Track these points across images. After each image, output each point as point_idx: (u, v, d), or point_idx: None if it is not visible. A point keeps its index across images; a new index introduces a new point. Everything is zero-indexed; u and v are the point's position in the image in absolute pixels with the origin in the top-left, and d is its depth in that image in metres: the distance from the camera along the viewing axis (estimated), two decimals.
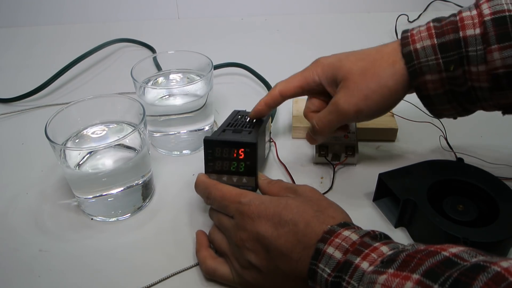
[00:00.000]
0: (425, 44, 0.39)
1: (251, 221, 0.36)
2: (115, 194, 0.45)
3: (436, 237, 0.41)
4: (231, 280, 0.38)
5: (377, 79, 0.41)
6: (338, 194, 0.49)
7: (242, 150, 0.42)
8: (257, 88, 0.71)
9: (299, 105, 0.61)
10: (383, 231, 0.44)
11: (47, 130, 0.42)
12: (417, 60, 0.40)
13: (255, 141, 0.42)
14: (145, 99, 0.53)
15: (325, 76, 0.44)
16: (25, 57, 0.84)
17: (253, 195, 0.38)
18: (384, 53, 0.42)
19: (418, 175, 0.45)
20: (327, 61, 0.45)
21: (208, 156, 0.43)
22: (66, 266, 0.42)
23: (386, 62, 0.41)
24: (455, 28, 0.38)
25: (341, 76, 0.43)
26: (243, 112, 0.52)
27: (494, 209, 0.42)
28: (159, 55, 0.60)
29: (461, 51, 0.38)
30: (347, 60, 0.43)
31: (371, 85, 0.41)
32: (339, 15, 1.00)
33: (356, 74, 0.42)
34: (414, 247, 0.28)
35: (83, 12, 0.97)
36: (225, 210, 0.39)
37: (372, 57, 0.42)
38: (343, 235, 0.31)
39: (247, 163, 0.42)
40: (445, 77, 0.39)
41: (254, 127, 0.47)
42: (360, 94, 0.41)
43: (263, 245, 0.35)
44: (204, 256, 0.40)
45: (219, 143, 0.43)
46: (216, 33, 0.93)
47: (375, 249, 0.29)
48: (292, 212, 0.35)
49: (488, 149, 0.52)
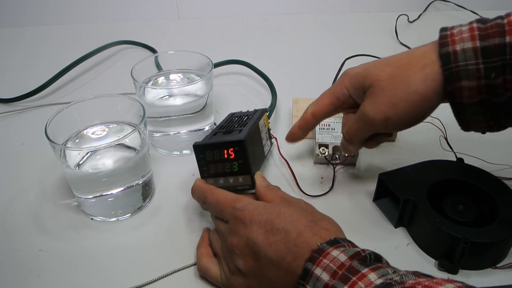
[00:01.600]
0: (466, 46, 0.36)
1: (243, 226, 0.35)
2: (115, 194, 0.45)
3: (436, 237, 0.41)
4: (219, 283, 0.38)
5: (405, 85, 0.38)
6: (338, 194, 0.49)
7: (232, 149, 0.41)
8: (257, 88, 0.71)
9: (299, 105, 0.61)
10: (383, 231, 0.44)
11: (47, 130, 0.42)
12: (455, 63, 0.36)
13: (243, 138, 0.41)
14: (145, 99, 0.53)
15: (353, 87, 0.42)
16: (25, 57, 0.84)
17: (248, 200, 0.38)
18: (414, 56, 0.39)
19: (418, 175, 0.45)
20: (354, 72, 0.42)
21: (201, 161, 0.43)
22: (66, 266, 0.42)
23: (416, 66, 0.38)
24: (501, 32, 0.35)
25: (368, 84, 0.40)
26: (239, 113, 0.51)
27: (494, 209, 0.42)
28: (159, 55, 0.60)
29: (506, 58, 0.34)
30: (374, 67, 0.40)
31: (399, 92, 0.38)
32: (339, 15, 1.00)
33: (383, 80, 0.39)
34: (403, 279, 0.27)
35: (83, 13, 0.97)
36: (220, 215, 0.39)
37: (401, 61, 0.39)
38: (332, 255, 0.31)
39: (240, 162, 0.42)
40: (484, 85, 0.36)
41: (245, 125, 0.46)
42: (387, 102, 0.39)
43: (253, 251, 0.34)
44: (201, 253, 0.40)
45: (208, 146, 0.42)
46: (216, 33, 0.93)
47: (362, 276, 0.28)
48: (285, 221, 0.34)
49: (488, 149, 0.52)
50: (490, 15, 0.39)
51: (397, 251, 0.42)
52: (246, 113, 0.52)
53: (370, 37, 0.89)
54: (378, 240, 0.44)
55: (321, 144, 0.52)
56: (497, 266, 0.40)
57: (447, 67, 0.36)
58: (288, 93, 0.66)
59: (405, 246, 0.43)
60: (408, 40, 0.85)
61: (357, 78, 0.41)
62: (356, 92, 0.42)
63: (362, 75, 0.41)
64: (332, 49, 0.84)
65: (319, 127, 0.54)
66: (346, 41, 0.88)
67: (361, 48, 0.72)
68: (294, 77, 0.74)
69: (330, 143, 0.52)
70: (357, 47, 0.77)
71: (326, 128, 0.54)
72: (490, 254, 0.40)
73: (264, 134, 0.50)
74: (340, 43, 0.87)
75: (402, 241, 0.43)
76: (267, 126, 0.52)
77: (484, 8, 0.92)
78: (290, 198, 0.39)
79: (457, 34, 0.37)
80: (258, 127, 0.48)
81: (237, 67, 0.74)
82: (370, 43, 0.87)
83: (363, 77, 0.40)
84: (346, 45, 0.85)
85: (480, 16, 0.91)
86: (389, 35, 0.89)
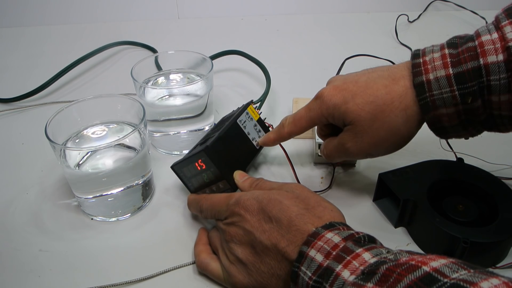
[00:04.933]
0: (439, 74, 0.36)
1: (239, 217, 0.37)
2: (115, 194, 0.45)
3: (436, 237, 0.41)
4: (220, 277, 0.38)
5: (387, 127, 0.38)
6: (338, 194, 0.49)
7: (200, 160, 0.43)
8: (258, 87, 0.71)
9: (299, 105, 0.61)
10: (383, 231, 0.44)
11: (47, 130, 0.42)
12: (429, 92, 0.36)
13: (203, 148, 0.42)
14: (145, 99, 0.53)
15: (332, 117, 0.41)
16: (25, 57, 0.84)
17: (240, 194, 0.38)
18: (394, 95, 0.38)
19: (418, 175, 0.45)
20: (332, 102, 0.40)
21: (183, 179, 0.45)
22: (66, 266, 0.42)
23: (397, 109, 0.38)
24: (473, 56, 0.35)
25: (348, 121, 0.40)
26: (227, 116, 0.51)
27: (494, 209, 0.42)
28: (159, 55, 0.60)
29: (482, 81, 0.34)
30: (353, 103, 0.39)
31: (382, 134, 0.39)
32: (339, 15, 1.00)
33: (363, 121, 0.39)
34: (397, 257, 0.27)
35: (83, 13, 0.97)
36: (218, 216, 0.40)
37: (381, 100, 0.38)
38: (326, 237, 0.31)
39: (211, 170, 0.43)
40: (462, 110, 0.36)
41: (221, 129, 0.46)
42: (370, 141, 0.39)
43: (249, 239, 0.35)
44: (200, 250, 0.41)
45: (182, 164, 0.44)
46: (216, 33, 0.93)
47: (357, 256, 0.29)
48: (275, 208, 0.35)
49: (488, 149, 0.52)
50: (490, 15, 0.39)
51: None
52: (231, 113, 0.51)
53: (370, 37, 0.89)
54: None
55: (321, 144, 0.52)
56: (497, 266, 0.40)
57: (421, 96, 0.37)
58: (288, 93, 0.66)
59: (405, 246, 0.43)
60: (408, 40, 0.85)
61: (335, 110, 0.40)
62: (334, 121, 0.42)
63: (341, 111, 0.40)
64: (332, 49, 0.84)
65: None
66: (346, 41, 0.88)
67: (361, 48, 0.72)
68: (294, 77, 0.74)
69: None
70: (357, 47, 0.77)
71: None
72: (490, 254, 0.40)
73: (251, 128, 0.49)
74: (340, 43, 0.87)
75: (402, 241, 0.43)
76: (256, 117, 0.50)
77: (484, 8, 0.92)
78: (280, 185, 0.40)
79: (429, 62, 0.37)
80: (237, 125, 0.47)
81: (236, 65, 0.74)
82: (370, 43, 0.87)
83: (343, 112, 0.40)
84: (346, 45, 0.85)
85: (480, 16, 0.91)
86: (389, 35, 0.89)
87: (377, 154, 0.42)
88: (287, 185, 0.39)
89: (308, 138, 0.58)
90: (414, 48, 0.81)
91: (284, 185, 0.39)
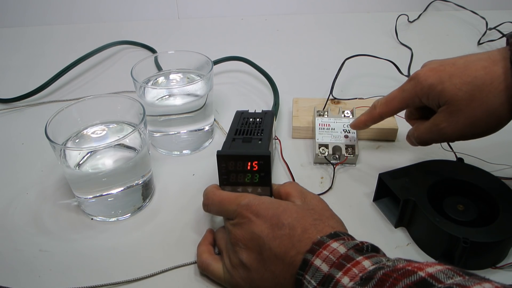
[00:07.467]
0: None
1: (249, 220, 0.36)
2: (115, 194, 0.45)
3: (436, 237, 0.41)
4: (221, 278, 0.38)
5: (485, 108, 0.38)
6: (338, 194, 0.49)
7: (256, 162, 0.42)
8: (258, 87, 0.71)
9: (299, 105, 0.61)
10: (383, 231, 0.44)
11: (47, 130, 0.42)
12: None
13: (268, 153, 0.41)
14: (145, 99, 0.53)
15: (426, 98, 0.41)
16: (25, 57, 0.84)
17: (252, 196, 0.38)
18: (494, 76, 0.37)
19: (418, 175, 0.45)
20: (427, 83, 0.40)
21: (222, 170, 0.43)
22: (66, 266, 0.42)
23: (497, 89, 0.37)
24: None
25: (444, 101, 0.40)
26: (247, 114, 0.51)
27: (494, 209, 0.42)
28: (159, 55, 0.60)
29: None
30: (450, 83, 0.39)
31: (478, 114, 0.38)
32: (339, 15, 1.00)
33: (461, 100, 0.38)
34: (395, 264, 0.27)
35: (83, 13, 0.97)
36: (225, 213, 0.39)
37: (481, 80, 0.38)
38: (331, 247, 0.31)
39: (262, 175, 0.42)
40: None
41: (263, 133, 0.46)
42: (466, 122, 0.39)
43: (257, 245, 0.35)
44: (202, 250, 0.41)
45: (232, 157, 0.42)
46: (216, 33, 0.93)
47: (357, 263, 0.29)
48: (291, 217, 0.35)
49: (488, 149, 0.52)
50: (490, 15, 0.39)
51: (397, 251, 0.42)
52: (256, 114, 0.51)
53: (370, 37, 0.89)
54: (378, 240, 0.43)
55: (321, 144, 0.53)
56: (497, 266, 0.40)
57: None
58: (288, 93, 0.66)
59: (405, 246, 0.43)
60: (408, 40, 0.85)
61: (431, 90, 0.40)
62: (429, 102, 0.41)
63: (437, 90, 0.40)
64: (332, 49, 0.84)
65: (319, 127, 0.54)
66: (346, 41, 0.88)
67: (361, 48, 0.72)
68: (294, 77, 0.74)
69: (330, 143, 0.52)
70: (357, 47, 0.77)
71: (326, 128, 0.54)
72: (490, 254, 0.40)
73: (273, 135, 0.50)
74: (340, 43, 0.87)
75: (402, 241, 0.44)
76: (274, 127, 0.51)
77: (484, 8, 0.92)
78: (305, 192, 0.39)
79: None
80: (272, 134, 0.48)
81: (236, 66, 0.74)
82: (370, 43, 0.87)
83: (439, 92, 0.40)
84: (346, 45, 0.85)
85: (480, 16, 0.91)
86: (389, 35, 0.89)
87: (471, 136, 0.41)
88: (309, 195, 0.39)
89: (308, 138, 0.58)
90: (414, 48, 0.82)
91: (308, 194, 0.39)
